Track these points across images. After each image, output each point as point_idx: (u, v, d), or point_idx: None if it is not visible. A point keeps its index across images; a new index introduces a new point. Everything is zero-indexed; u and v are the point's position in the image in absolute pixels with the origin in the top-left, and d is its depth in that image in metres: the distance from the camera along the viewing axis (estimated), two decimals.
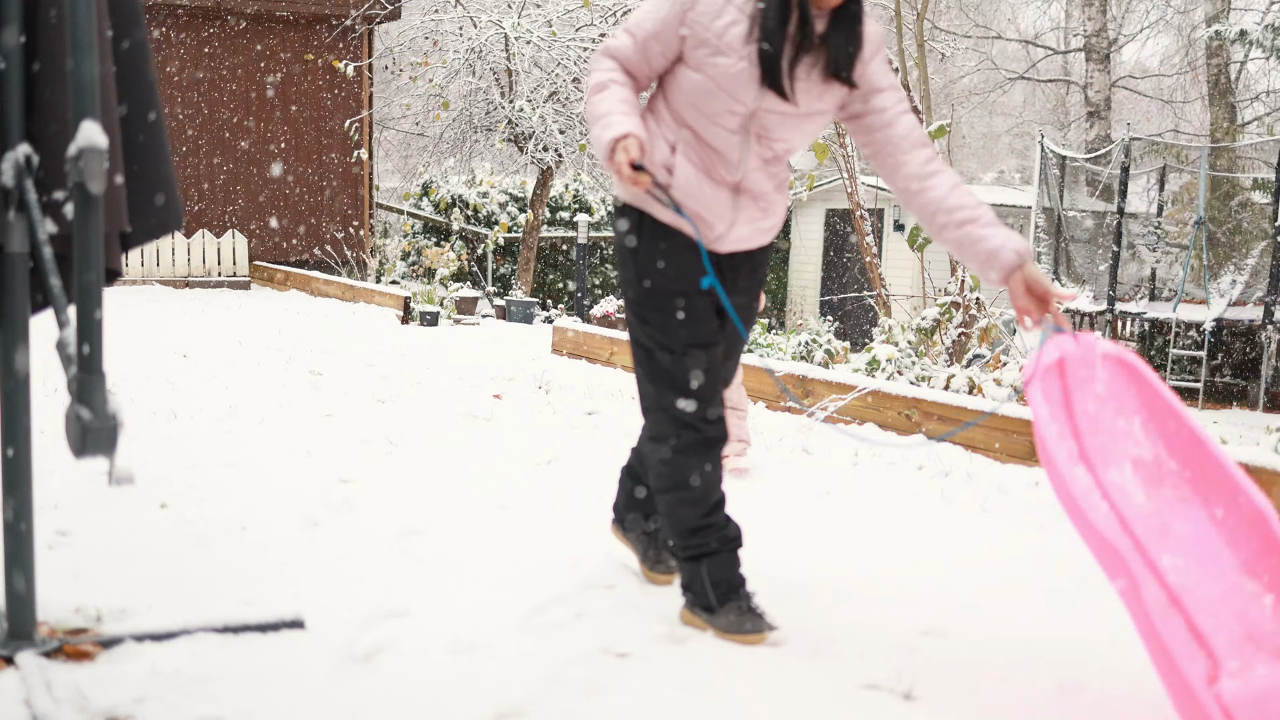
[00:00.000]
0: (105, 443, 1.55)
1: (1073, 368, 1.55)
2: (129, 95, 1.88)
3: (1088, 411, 1.44)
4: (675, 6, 2.01)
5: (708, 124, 2.04)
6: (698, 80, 2.02)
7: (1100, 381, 1.48)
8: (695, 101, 2.03)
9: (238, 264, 11.15)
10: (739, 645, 2.06)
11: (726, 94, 2.00)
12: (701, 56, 2.00)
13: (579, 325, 6.62)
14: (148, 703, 1.72)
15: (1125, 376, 1.50)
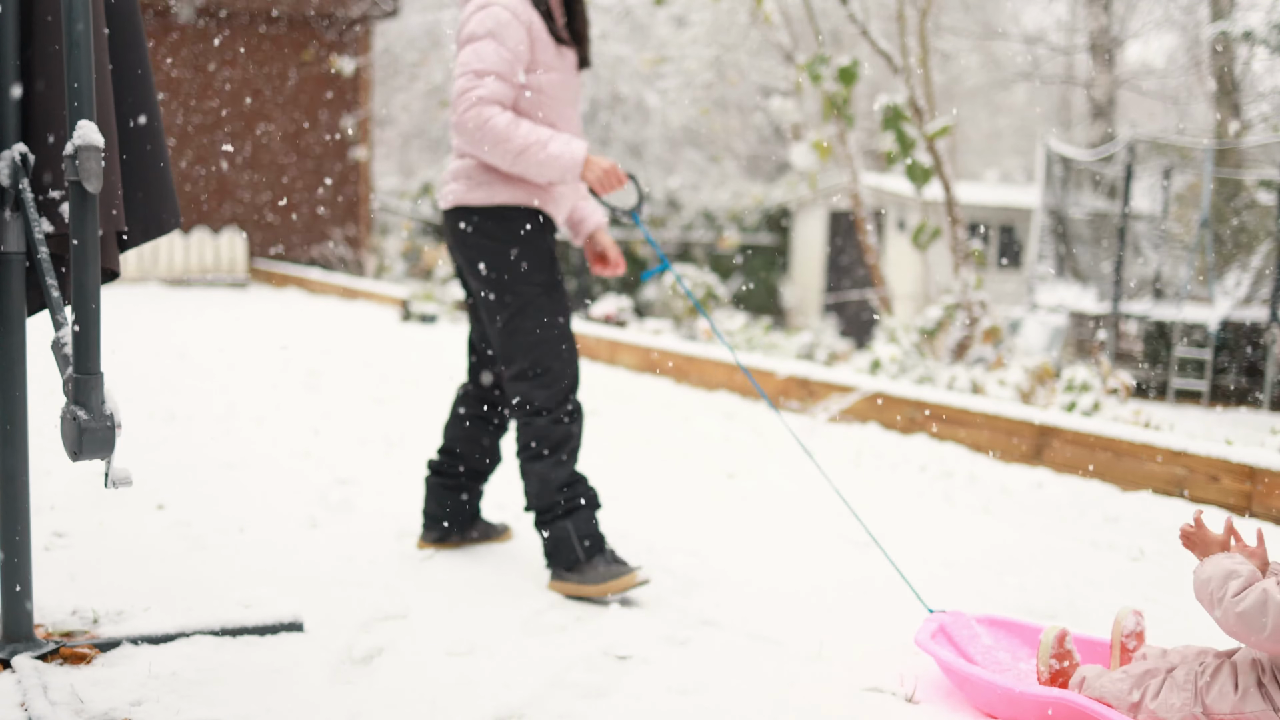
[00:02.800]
0: (102, 444, 1.53)
1: (954, 630, 2.02)
2: (126, 94, 1.87)
3: (979, 652, 1.98)
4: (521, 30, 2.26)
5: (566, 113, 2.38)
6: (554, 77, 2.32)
7: (983, 635, 2.02)
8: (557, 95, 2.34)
9: (236, 263, 11.15)
10: (738, 646, 2.05)
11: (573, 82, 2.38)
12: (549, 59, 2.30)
13: (579, 325, 6.61)
14: (145, 705, 1.71)
15: (1000, 626, 2.06)
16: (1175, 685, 1.64)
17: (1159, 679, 1.67)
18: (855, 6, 6.78)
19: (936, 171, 6.18)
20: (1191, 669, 1.66)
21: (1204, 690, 1.61)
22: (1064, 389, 4.41)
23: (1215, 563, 1.63)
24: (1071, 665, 1.84)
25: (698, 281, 9.63)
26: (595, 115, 11.12)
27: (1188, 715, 1.60)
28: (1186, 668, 1.67)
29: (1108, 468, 3.52)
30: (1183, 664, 1.68)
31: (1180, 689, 1.63)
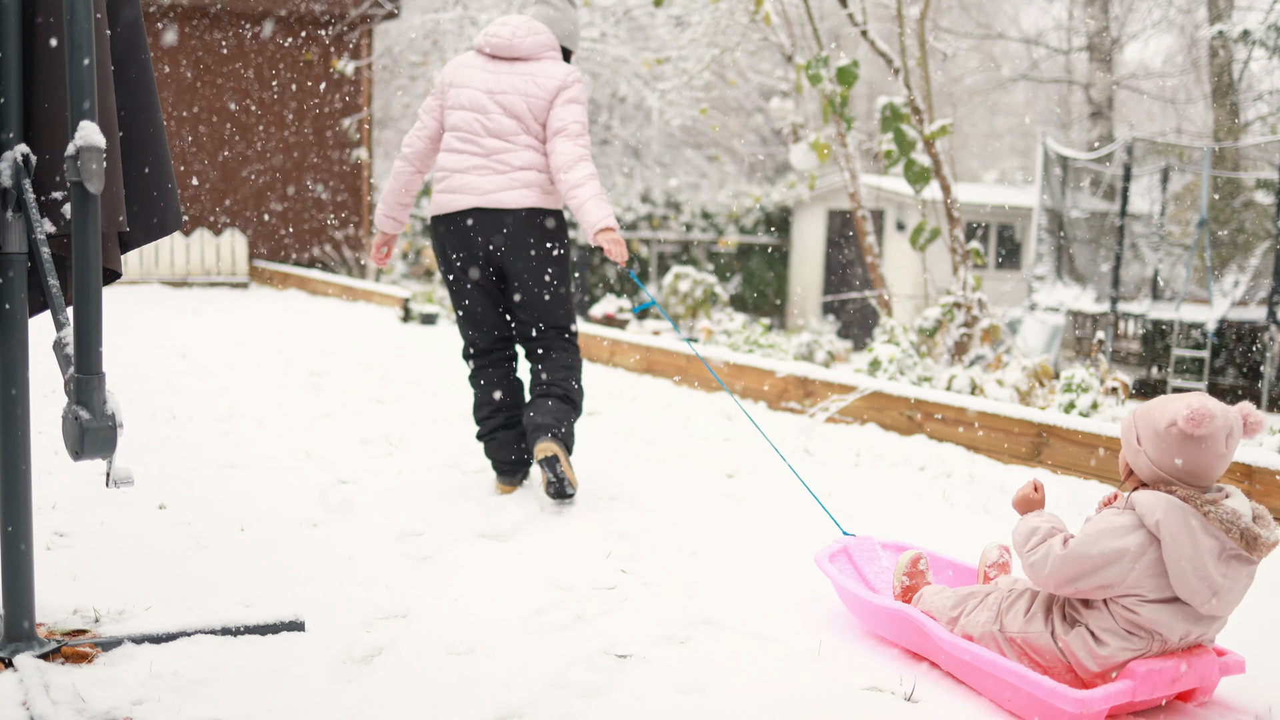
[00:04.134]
0: (104, 444, 1.54)
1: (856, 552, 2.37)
2: (127, 96, 1.87)
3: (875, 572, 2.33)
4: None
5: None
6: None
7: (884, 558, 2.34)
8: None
9: (237, 264, 11.15)
10: (738, 645, 2.05)
11: None
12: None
13: (579, 325, 6.61)
14: (146, 704, 1.72)
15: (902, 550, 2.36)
16: (984, 605, 1.93)
17: (977, 600, 1.96)
18: (854, 7, 6.79)
19: (935, 172, 6.19)
20: (1002, 594, 1.94)
21: (1004, 611, 1.90)
22: (1062, 389, 4.42)
23: (1026, 521, 1.90)
24: (921, 584, 2.17)
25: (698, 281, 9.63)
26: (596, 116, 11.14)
27: (987, 631, 1.89)
28: (999, 593, 1.94)
29: (1106, 467, 3.53)
30: (997, 590, 1.96)
31: (987, 609, 1.93)
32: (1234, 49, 13.59)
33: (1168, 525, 1.74)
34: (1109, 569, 1.75)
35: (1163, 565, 1.74)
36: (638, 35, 11.29)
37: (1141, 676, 1.74)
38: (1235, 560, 1.76)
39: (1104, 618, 1.78)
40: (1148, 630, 1.76)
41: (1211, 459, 1.77)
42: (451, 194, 2.98)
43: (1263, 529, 1.76)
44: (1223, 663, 1.85)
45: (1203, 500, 1.76)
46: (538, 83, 2.97)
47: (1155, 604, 1.76)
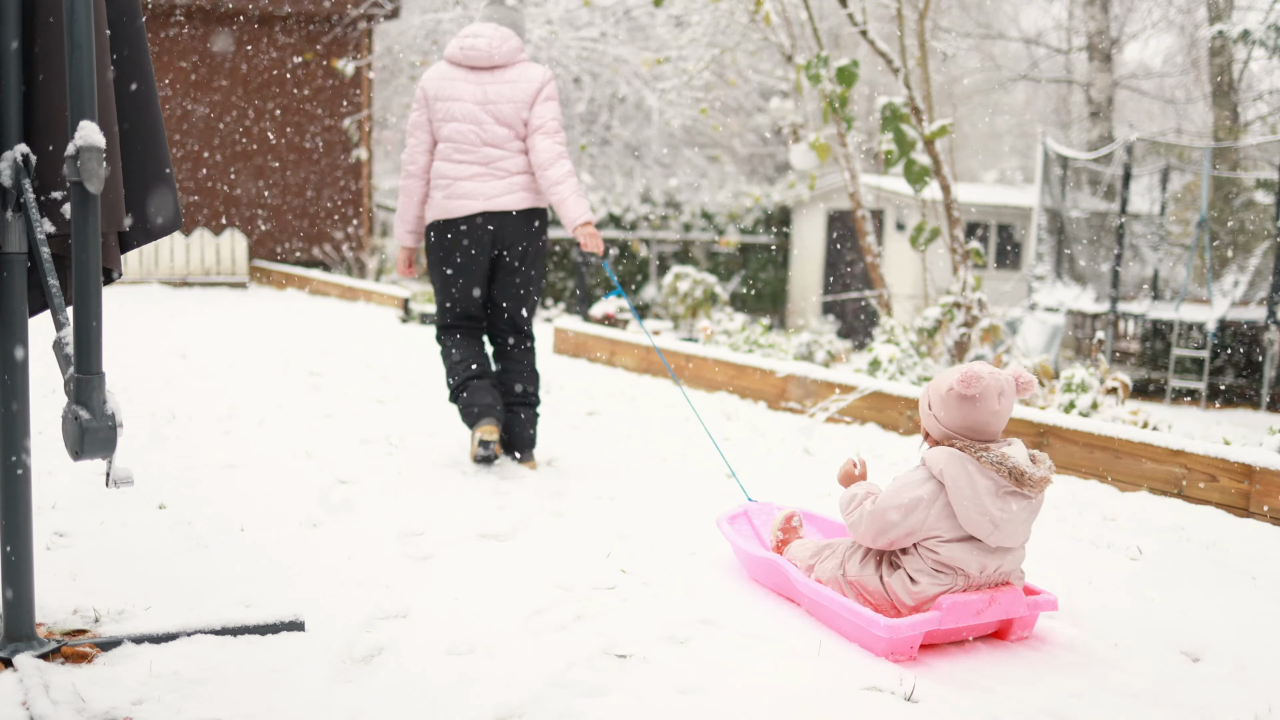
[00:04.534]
0: (103, 444, 1.54)
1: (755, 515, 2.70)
2: (127, 95, 1.87)
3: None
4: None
5: None
6: None
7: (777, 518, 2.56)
8: None
9: (236, 264, 11.15)
10: (738, 645, 2.06)
11: None
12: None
13: (579, 325, 6.61)
14: (146, 704, 1.72)
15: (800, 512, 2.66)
16: (834, 555, 2.26)
17: (830, 551, 2.28)
18: (854, 7, 6.79)
19: (935, 172, 6.19)
20: (847, 546, 2.25)
21: (846, 560, 2.21)
22: (1062, 389, 4.42)
23: (847, 491, 2.23)
24: (794, 538, 2.48)
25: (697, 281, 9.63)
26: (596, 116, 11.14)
27: (833, 576, 2.21)
28: (846, 545, 2.25)
29: (1106, 467, 3.53)
30: (845, 543, 2.26)
31: (835, 558, 2.25)
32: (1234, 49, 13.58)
33: (949, 472, 2.04)
34: (910, 517, 2.06)
35: (952, 508, 2.05)
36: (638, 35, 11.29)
37: (947, 608, 2.03)
38: (1011, 496, 2.05)
39: (916, 560, 2.09)
40: (951, 567, 2.06)
41: (986, 415, 2.07)
42: (458, 199, 3.28)
43: (1030, 467, 2.04)
44: (1032, 600, 2.12)
45: (977, 448, 2.06)
46: (520, 87, 3.27)
47: (952, 543, 2.06)
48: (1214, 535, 2.98)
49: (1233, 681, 2.00)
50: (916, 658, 2.03)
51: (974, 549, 2.05)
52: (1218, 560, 2.78)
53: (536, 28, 10.41)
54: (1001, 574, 2.10)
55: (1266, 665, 2.07)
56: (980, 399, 2.06)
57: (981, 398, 2.06)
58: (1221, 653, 2.11)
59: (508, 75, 3.27)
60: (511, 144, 3.26)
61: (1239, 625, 2.28)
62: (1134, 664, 2.05)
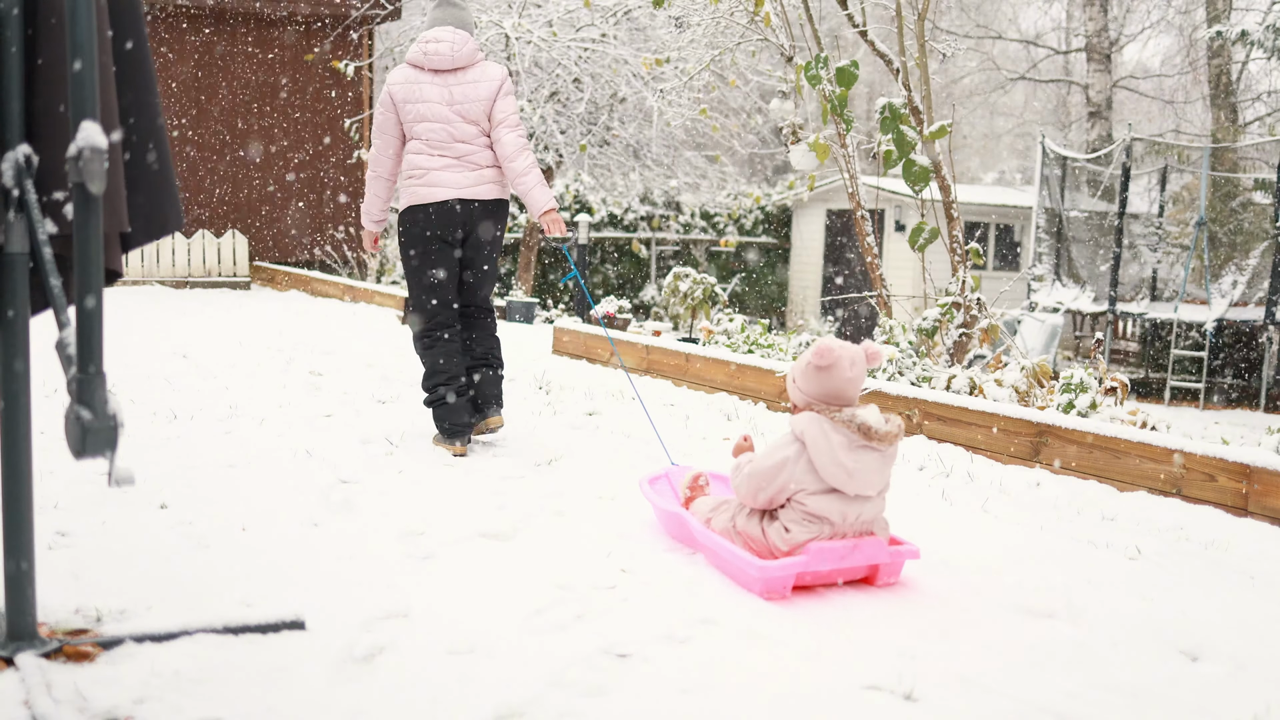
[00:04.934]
0: (105, 443, 1.54)
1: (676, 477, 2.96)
2: (129, 96, 1.88)
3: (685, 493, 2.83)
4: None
5: None
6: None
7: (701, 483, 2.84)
8: None
9: (238, 264, 11.15)
10: (738, 645, 2.06)
11: None
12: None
13: (579, 326, 6.62)
14: (147, 704, 1.72)
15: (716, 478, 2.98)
16: (728, 510, 2.53)
17: (726, 507, 2.55)
18: (854, 8, 6.80)
19: (934, 172, 6.19)
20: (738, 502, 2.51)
21: (737, 514, 2.49)
22: (1061, 389, 4.43)
23: (739, 459, 2.52)
24: (699, 495, 2.75)
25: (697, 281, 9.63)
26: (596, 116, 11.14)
27: (726, 527, 2.50)
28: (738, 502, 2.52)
29: (1105, 467, 3.53)
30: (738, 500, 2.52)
31: (728, 512, 2.52)
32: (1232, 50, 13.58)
33: (809, 432, 2.35)
34: (780, 475, 2.36)
35: (814, 464, 2.33)
36: (637, 36, 11.29)
37: (814, 552, 2.34)
38: (862, 449, 2.35)
39: (789, 512, 2.39)
40: (818, 516, 2.35)
41: (840, 382, 2.38)
42: (432, 188, 3.58)
43: (878, 424, 2.34)
44: (895, 549, 2.42)
45: (830, 410, 2.37)
46: (483, 86, 3.58)
47: (817, 495, 2.35)
48: (1213, 535, 2.98)
49: (1231, 681, 2.00)
50: (789, 597, 2.32)
51: (836, 499, 2.36)
52: (1216, 560, 2.78)
53: (537, 28, 10.42)
54: (863, 522, 2.40)
55: (1265, 665, 2.07)
56: (833, 368, 2.37)
57: (834, 367, 2.36)
58: (1220, 652, 2.12)
59: (470, 75, 3.57)
60: (479, 139, 3.60)
61: (1238, 625, 2.29)
62: (1133, 663, 2.06)
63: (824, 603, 2.32)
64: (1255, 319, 10.69)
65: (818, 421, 2.35)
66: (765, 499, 2.39)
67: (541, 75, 10.71)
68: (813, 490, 2.35)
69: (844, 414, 2.35)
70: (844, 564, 2.36)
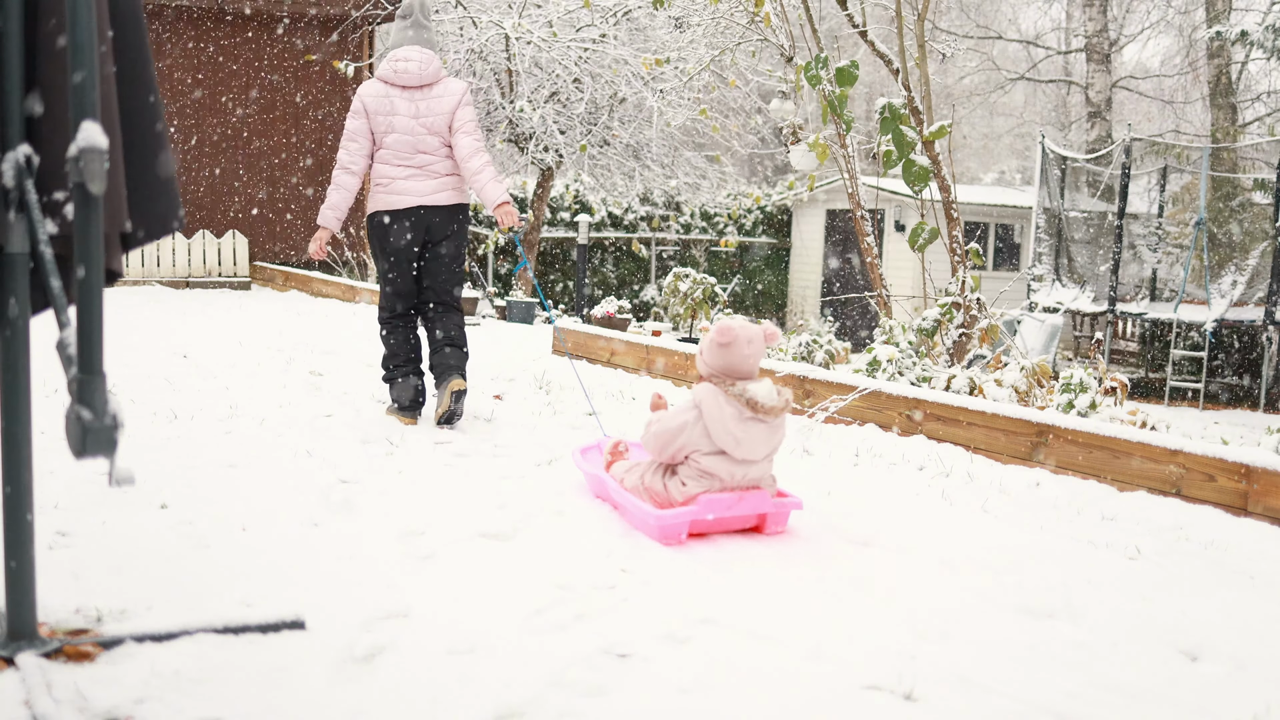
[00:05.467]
0: (105, 443, 1.55)
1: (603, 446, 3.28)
2: (130, 96, 1.88)
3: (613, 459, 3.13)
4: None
5: None
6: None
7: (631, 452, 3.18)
8: None
9: (238, 264, 11.16)
10: (738, 644, 2.06)
11: None
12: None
13: (579, 326, 6.62)
14: (148, 703, 1.72)
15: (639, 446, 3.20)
16: (638, 470, 2.85)
17: (638, 468, 2.86)
18: (854, 8, 6.80)
19: (934, 173, 6.19)
20: (648, 464, 2.83)
21: (645, 473, 2.81)
22: (1061, 389, 4.43)
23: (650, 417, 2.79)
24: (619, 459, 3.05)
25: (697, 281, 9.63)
26: (596, 117, 11.14)
27: (636, 485, 2.81)
28: (648, 463, 2.83)
29: (1105, 467, 3.54)
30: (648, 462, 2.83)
31: (638, 472, 2.85)
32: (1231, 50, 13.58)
33: (705, 402, 2.67)
34: (680, 436, 2.69)
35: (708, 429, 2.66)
36: (637, 36, 11.29)
37: (704, 502, 2.66)
38: (750, 421, 2.66)
39: (686, 469, 2.72)
40: (709, 473, 2.69)
41: (738, 358, 2.69)
42: (397, 195, 3.96)
43: (766, 399, 2.65)
44: (779, 501, 2.74)
45: (727, 384, 2.67)
46: (445, 100, 3.97)
47: (709, 455, 2.69)
48: (1212, 535, 2.98)
49: (1231, 681, 2.00)
50: (684, 542, 2.65)
51: (725, 460, 2.68)
52: (1216, 560, 2.78)
53: (537, 29, 10.41)
54: (750, 480, 2.71)
55: (1265, 665, 2.08)
56: (732, 345, 2.68)
57: (733, 344, 2.67)
58: (1220, 652, 2.12)
59: (434, 91, 3.97)
60: (440, 150, 3.97)
61: (1237, 625, 2.29)
62: (1133, 663, 2.06)
63: (823, 604, 2.32)
64: (1255, 319, 10.69)
65: (714, 393, 2.67)
66: (668, 455, 2.74)
67: (541, 75, 10.70)
68: (706, 451, 2.68)
69: (737, 388, 2.66)
70: (731, 513, 2.68)
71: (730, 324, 2.69)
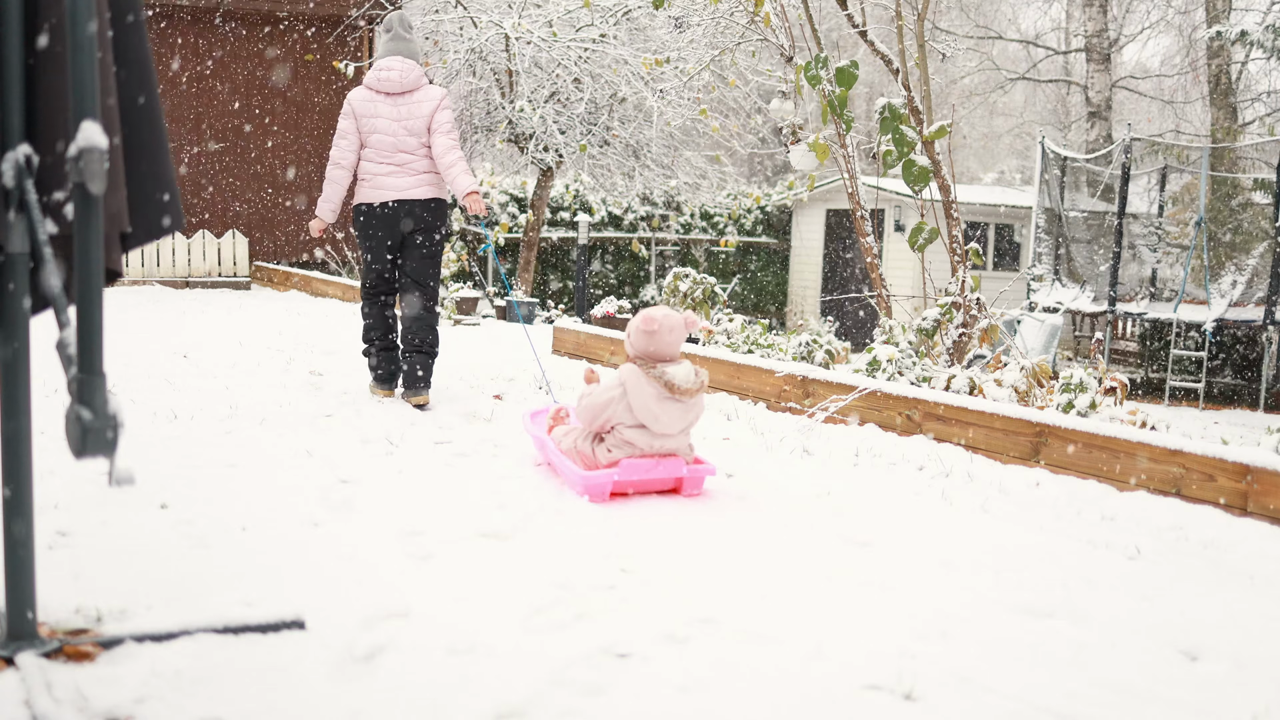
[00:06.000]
0: (105, 443, 1.55)
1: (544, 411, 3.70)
2: (129, 95, 1.88)
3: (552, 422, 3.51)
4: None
5: None
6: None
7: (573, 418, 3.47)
8: None
9: (238, 264, 11.15)
10: (738, 644, 2.07)
11: None
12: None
13: (579, 326, 6.62)
14: (148, 703, 1.72)
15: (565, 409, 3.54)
16: (573, 435, 3.21)
17: (575, 433, 3.21)
18: (853, 8, 6.80)
19: (934, 173, 6.19)
20: (582, 429, 3.18)
21: (579, 439, 3.17)
22: (1061, 389, 4.43)
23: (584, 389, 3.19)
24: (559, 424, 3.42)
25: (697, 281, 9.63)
26: (596, 117, 11.14)
27: (570, 448, 3.19)
28: (583, 429, 3.17)
29: (1105, 467, 3.54)
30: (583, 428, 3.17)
31: (573, 436, 3.21)
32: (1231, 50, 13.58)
33: (629, 381, 3.03)
34: (606, 410, 3.07)
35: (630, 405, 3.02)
36: (637, 36, 11.29)
37: (624, 465, 3.05)
38: (668, 400, 3.03)
39: (612, 438, 3.10)
40: (629, 442, 3.07)
41: (661, 344, 3.04)
42: (378, 190, 4.37)
43: (682, 380, 3.01)
44: (694, 466, 3.14)
45: (646, 366, 3.03)
46: (424, 105, 4.40)
47: (631, 428, 3.07)
48: (1212, 535, 2.98)
49: (1231, 681, 2.00)
50: (608, 500, 3.03)
51: (644, 433, 3.07)
52: (1216, 560, 2.79)
53: (537, 29, 10.40)
54: (666, 449, 3.10)
55: (1265, 664, 2.08)
56: (657, 333, 3.02)
57: (658, 332, 3.02)
58: (1220, 652, 2.12)
59: (415, 97, 4.39)
60: (419, 150, 4.38)
61: (1237, 625, 2.29)
62: (1133, 663, 2.06)
63: (822, 603, 2.32)
64: (1255, 319, 10.69)
65: (637, 374, 3.03)
66: (596, 426, 3.11)
67: (541, 75, 10.70)
68: (629, 424, 3.07)
69: (657, 370, 3.01)
70: (650, 475, 3.07)
71: (654, 313, 3.02)
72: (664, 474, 3.08)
